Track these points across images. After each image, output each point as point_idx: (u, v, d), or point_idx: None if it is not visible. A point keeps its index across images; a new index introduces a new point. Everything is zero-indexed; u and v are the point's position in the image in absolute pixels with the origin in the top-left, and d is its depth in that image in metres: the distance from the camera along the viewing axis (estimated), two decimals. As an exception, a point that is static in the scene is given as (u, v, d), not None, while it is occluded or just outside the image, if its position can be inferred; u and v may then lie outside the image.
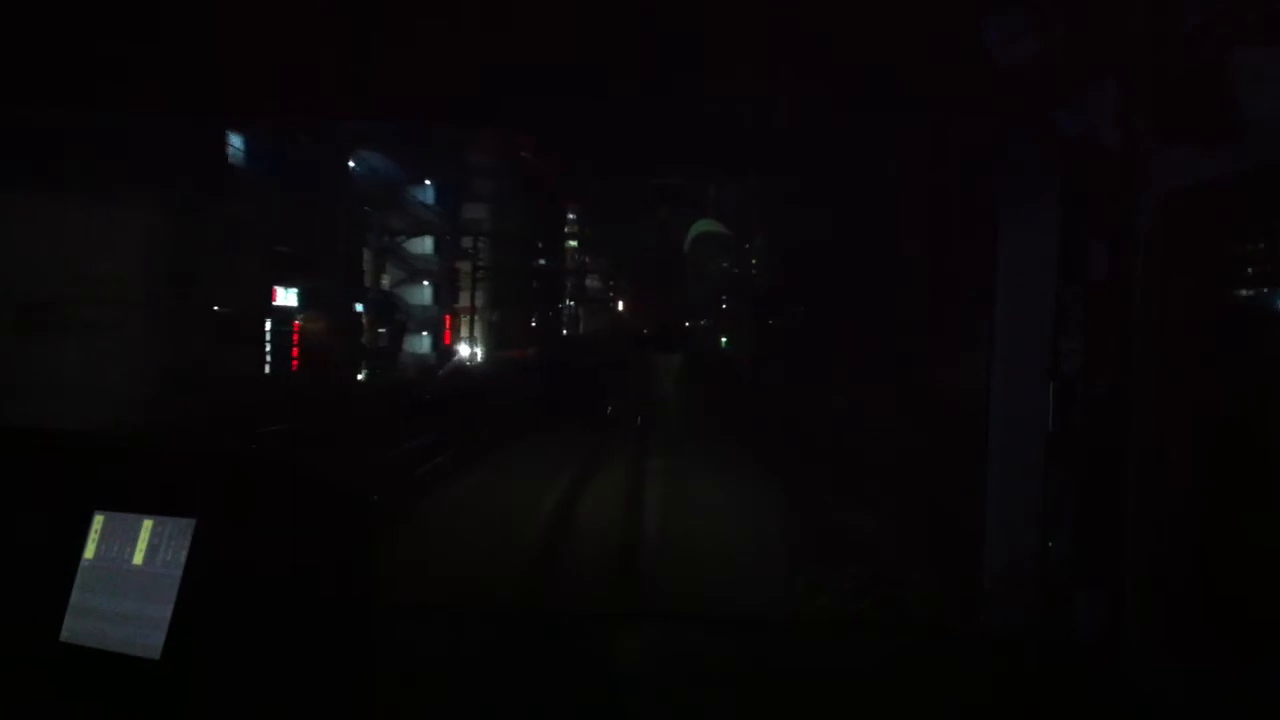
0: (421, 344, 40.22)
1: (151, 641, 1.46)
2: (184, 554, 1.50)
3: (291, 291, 26.45)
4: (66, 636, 1.54)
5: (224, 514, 1.52)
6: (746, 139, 3.88)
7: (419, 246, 40.45)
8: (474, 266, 40.67)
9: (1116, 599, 2.43)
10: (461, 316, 42.04)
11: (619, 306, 70.31)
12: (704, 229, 57.92)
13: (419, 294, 40.60)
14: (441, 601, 6.42)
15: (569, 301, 65.56)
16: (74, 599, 1.56)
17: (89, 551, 1.58)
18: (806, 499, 13.11)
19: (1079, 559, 2.48)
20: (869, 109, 3.25)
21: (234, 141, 22.39)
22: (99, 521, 1.59)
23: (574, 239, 66.30)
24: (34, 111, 5.01)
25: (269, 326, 25.03)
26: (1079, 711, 2.46)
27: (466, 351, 41.63)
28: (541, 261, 55.78)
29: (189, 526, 1.51)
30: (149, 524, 1.54)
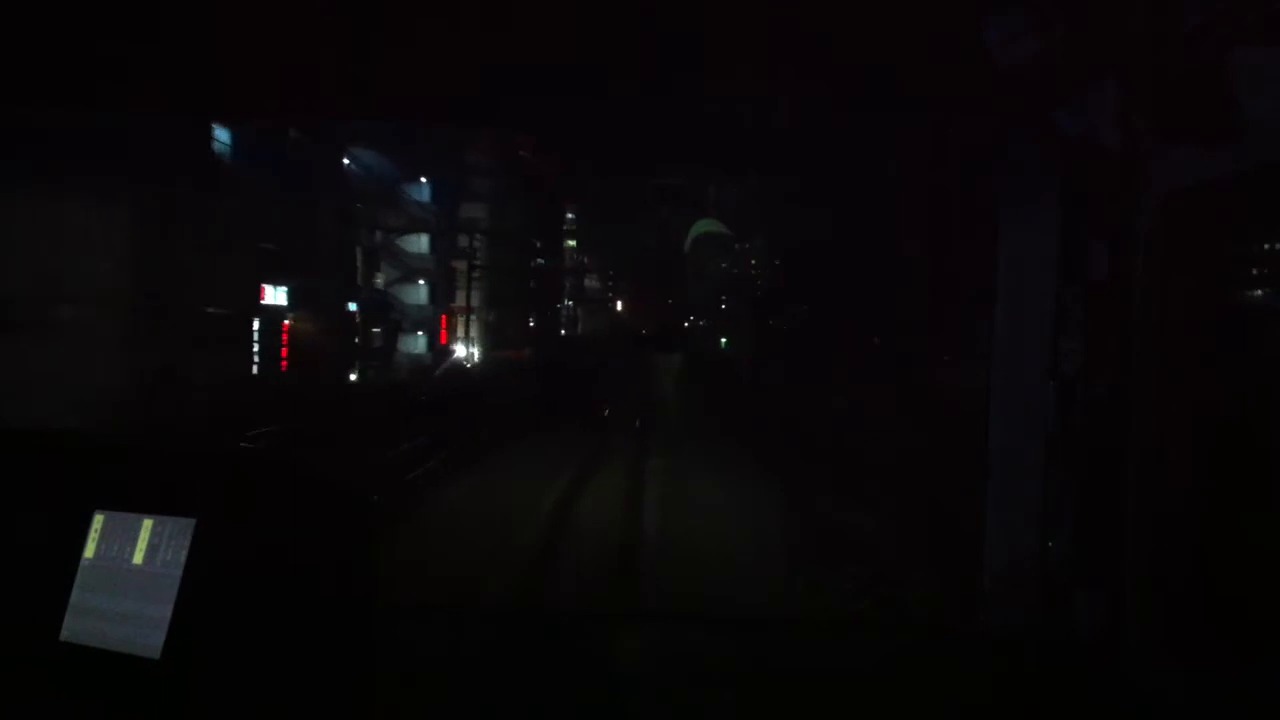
0: (417, 344, 40.08)
1: (151, 641, 1.46)
2: (184, 554, 1.50)
3: (281, 290, 25.87)
4: (66, 636, 1.54)
5: (224, 514, 1.52)
6: (746, 139, 3.88)
7: (415, 245, 40.23)
8: (470, 265, 40.42)
9: (1116, 599, 2.43)
10: (458, 316, 41.85)
11: (618, 306, 70.33)
12: (704, 229, 58.01)
13: (414, 293, 40.45)
14: (441, 601, 6.42)
15: (568, 301, 65.53)
16: (74, 598, 1.56)
17: (89, 551, 1.58)
18: (806, 499, 13.12)
19: (1079, 559, 2.48)
20: (869, 109, 3.25)
21: (220, 135, 21.73)
22: (99, 521, 1.59)
23: (573, 238, 66.30)
24: (6, 106, 4.99)
25: (257, 326, 24.46)
26: (1079, 711, 2.46)
27: (463, 352, 41.45)
28: (540, 261, 55.73)
29: (189, 526, 1.51)
30: (149, 524, 1.54)
